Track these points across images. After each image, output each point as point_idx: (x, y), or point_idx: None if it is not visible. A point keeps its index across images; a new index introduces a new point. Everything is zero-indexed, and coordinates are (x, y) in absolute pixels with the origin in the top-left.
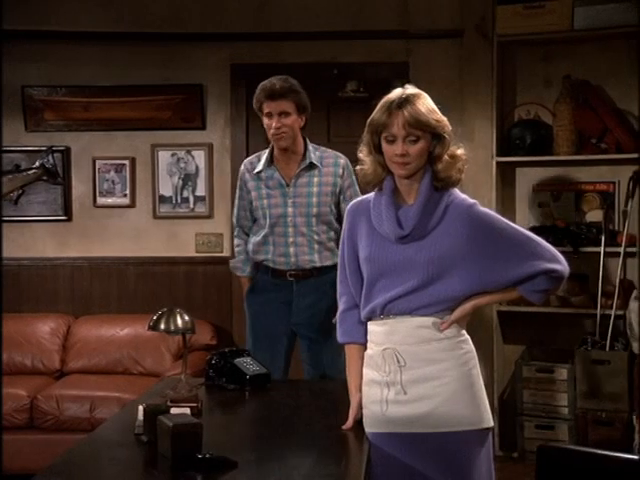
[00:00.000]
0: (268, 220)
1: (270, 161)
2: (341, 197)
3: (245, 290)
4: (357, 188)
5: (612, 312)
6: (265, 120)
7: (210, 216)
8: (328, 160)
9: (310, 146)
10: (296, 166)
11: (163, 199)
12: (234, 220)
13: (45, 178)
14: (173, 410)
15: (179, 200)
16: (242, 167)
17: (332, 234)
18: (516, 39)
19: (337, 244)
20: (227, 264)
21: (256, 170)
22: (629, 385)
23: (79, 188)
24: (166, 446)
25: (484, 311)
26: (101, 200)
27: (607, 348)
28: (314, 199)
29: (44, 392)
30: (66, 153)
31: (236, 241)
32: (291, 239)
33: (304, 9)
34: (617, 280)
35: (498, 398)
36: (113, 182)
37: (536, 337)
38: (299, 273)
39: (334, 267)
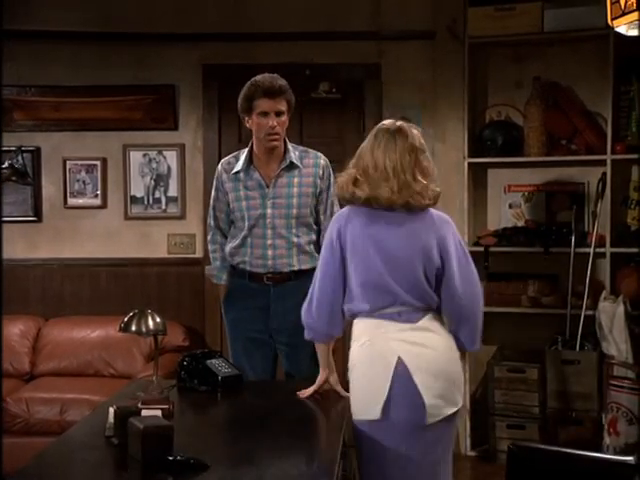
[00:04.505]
0: (247, 222)
1: (249, 161)
2: (319, 198)
3: (222, 297)
4: (333, 191)
5: (582, 312)
6: (256, 119)
7: (182, 217)
8: (308, 160)
9: (290, 145)
10: (276, 166)
11: (135, 200)
12: (210, 222)
13: (14, 178)
14: (144, 412)
15: (151, 201)
16: (219, 167)
17: (312, 237)
18: (487, 41)
19: (316, 248)
20: (200, 265)
21: (234, 170)
22: (598, 385)
23: (49, 189)
24: (137, 448)
25: None
26: (72, 201)
27: (577, 348)
28: (294, 200)
29: (13, 395)
30: (36, 153)
31: (211, 247)
32: (269, 241)
33: (276, 10)
34: (587, 280)
35: (470, 398)
36: (84, 183)
37: (507, 337)
38: (276, 276)
39: (312, 271)
